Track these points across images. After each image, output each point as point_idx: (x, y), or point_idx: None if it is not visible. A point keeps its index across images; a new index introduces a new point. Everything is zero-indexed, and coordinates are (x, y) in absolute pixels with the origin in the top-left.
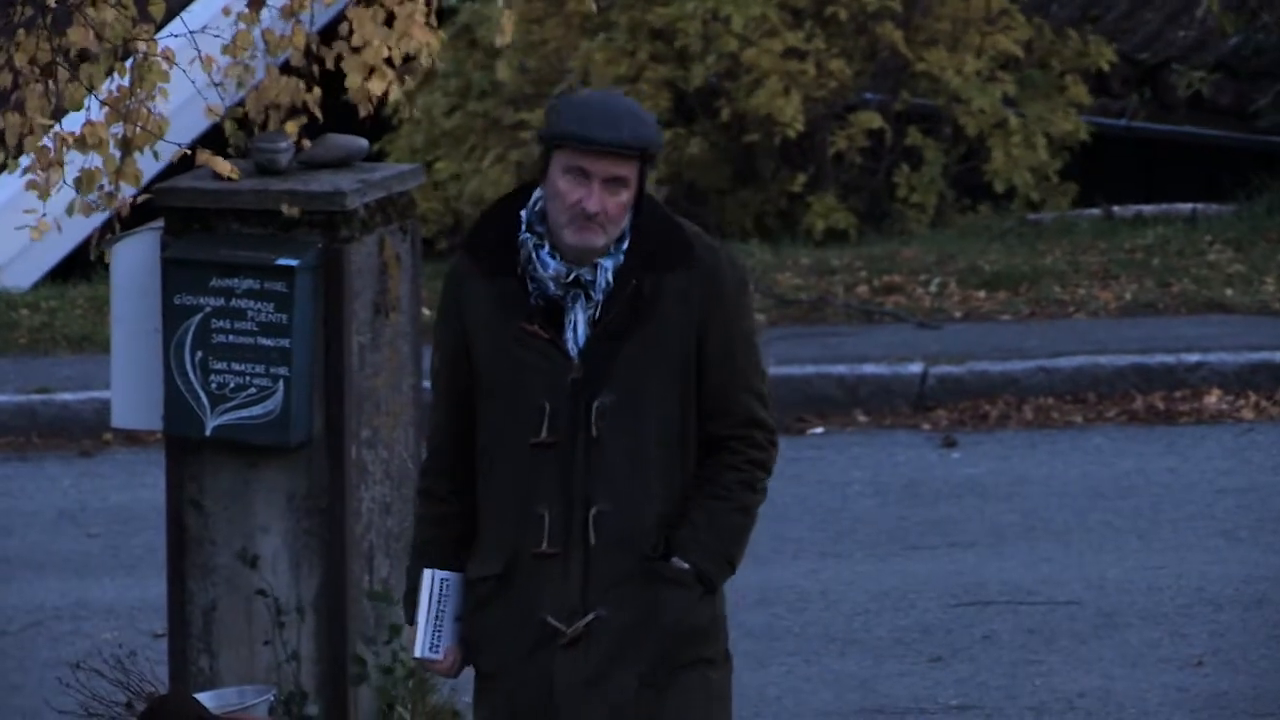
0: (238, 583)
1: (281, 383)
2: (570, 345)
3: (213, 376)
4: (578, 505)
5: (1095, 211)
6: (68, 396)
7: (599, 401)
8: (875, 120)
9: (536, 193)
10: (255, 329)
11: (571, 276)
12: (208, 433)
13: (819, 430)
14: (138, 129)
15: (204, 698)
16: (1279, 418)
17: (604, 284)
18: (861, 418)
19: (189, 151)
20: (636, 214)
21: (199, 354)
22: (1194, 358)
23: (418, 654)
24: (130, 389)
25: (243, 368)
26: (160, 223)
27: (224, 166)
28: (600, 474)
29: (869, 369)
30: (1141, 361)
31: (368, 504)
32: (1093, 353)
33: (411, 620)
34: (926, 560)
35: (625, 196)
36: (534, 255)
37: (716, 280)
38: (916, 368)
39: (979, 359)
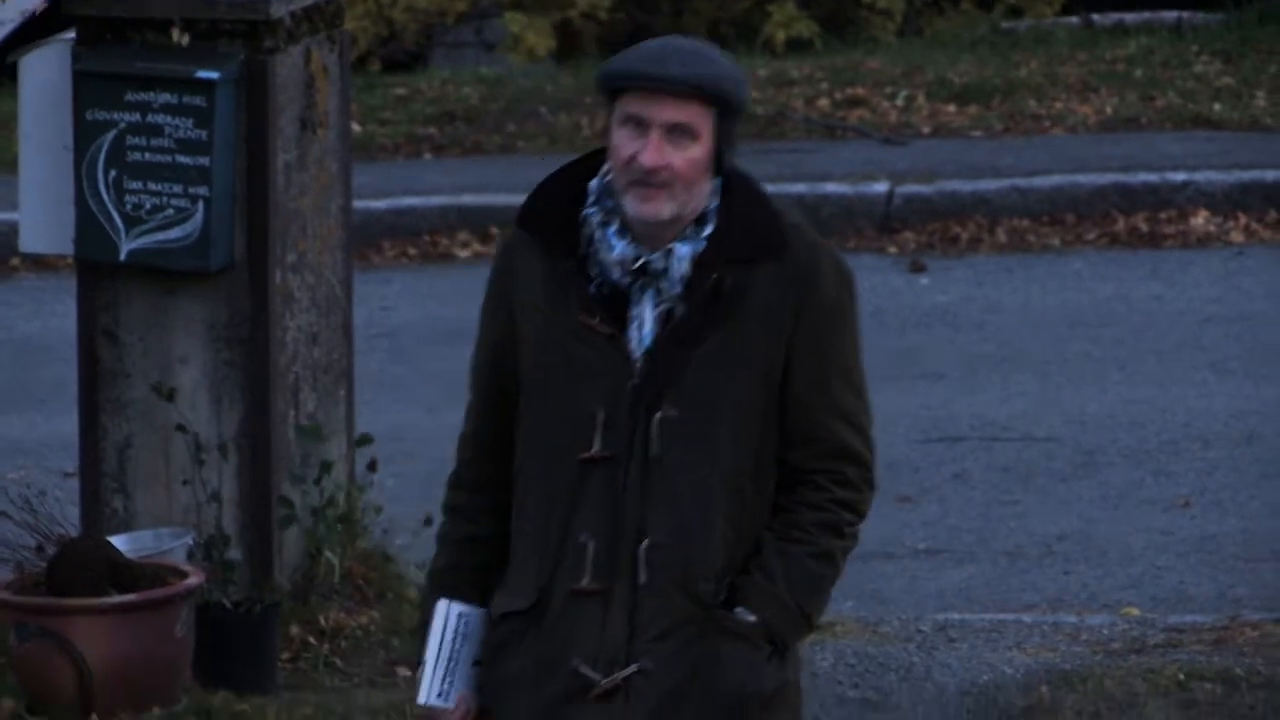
0: (154, 418)
1: (201, 203)
2: (634, 345)
3: (128, 197)
4: (628, 535)
5: (1074, 20)
6: None
7: (662, 414)
8: None
9: (609, 163)
10: (173, 146)
11: (640, 263)
12: (122, 257)
13: None
14: None
15: (118, 541)
16: (1270, 241)
17: (679, 274)
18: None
19: None
20: (725, 195)
21: (113, 173)
22: (1180, 176)
23: (423, 700)
24: (39, 211)
25: (159, 188)
26: (72, 33)
27: None
28: (658, 500)
29: (831, 188)
30: (1123, 180)
31: (293, 333)
32: (1071, 171)
33: (419, 659)
34: (893, 393)
35: (696, 152)
36: (599, 234)
37: (814, 282)
38: (882, 187)
39: (949, 178)
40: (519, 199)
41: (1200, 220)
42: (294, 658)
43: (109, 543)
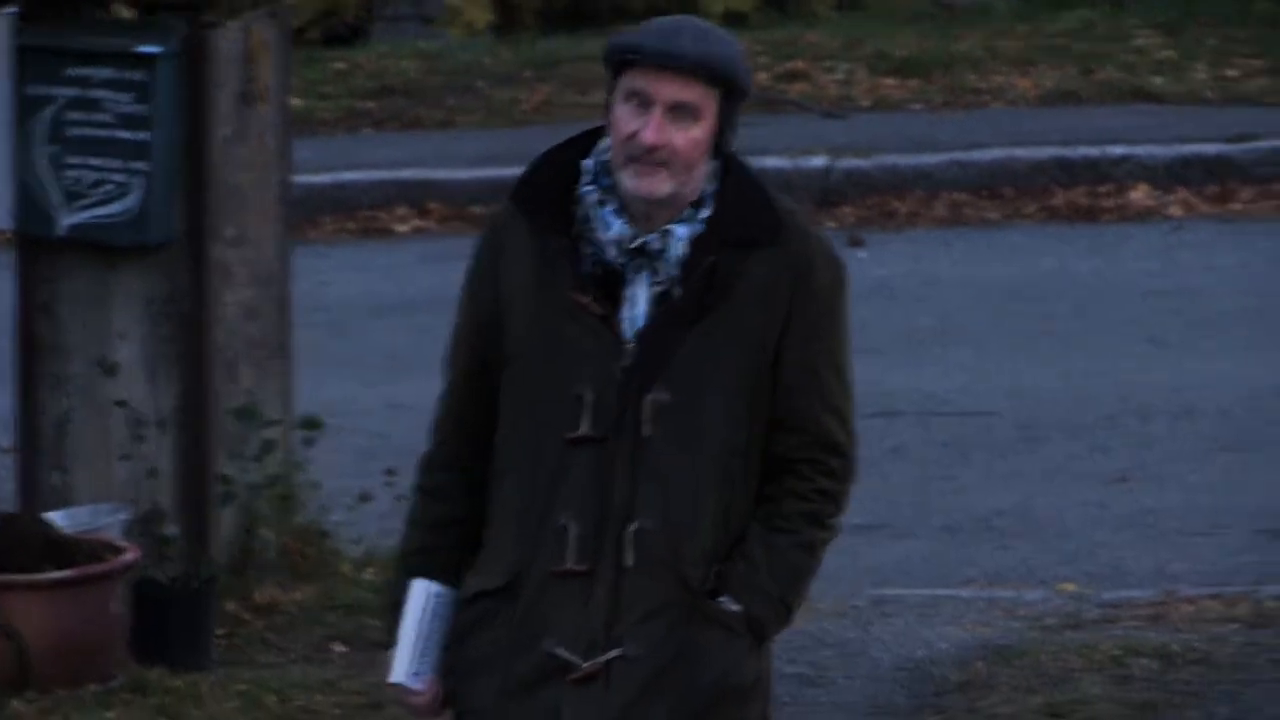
0: (92, 393)
1: (141, 178)
2: (625, 326)
3: (67, 172)
4: (615, 518)
5: None
6: None
7: (653, 396)
8: None
9: (606, 140)
10: (113, 121)
11: (637, 243)
12: (61, 232)
13: None
14: None
15: (56, 516)
16: (1210, 214)
17: (675, 256)
18: None
19: None
20: (722, 178)
21: (53, 148)
22: (1119, 150)
23: (395, 679)
24: None
25: (99, 163)
26: (13, 7)
27: None
28: (646, 483)
29: (770, 162)
30: (1063, 154)
31: (231, 309)
32: (1010, 145)
33: (391, 640)
34: None
35: (698, 132)
36: (595, 212)
37: (808, 270)
38: (821, 161)
39: (888, 151)
40: (458, 173)
41: (1139, 194)
42: (229, 633)
43: (46, 519)
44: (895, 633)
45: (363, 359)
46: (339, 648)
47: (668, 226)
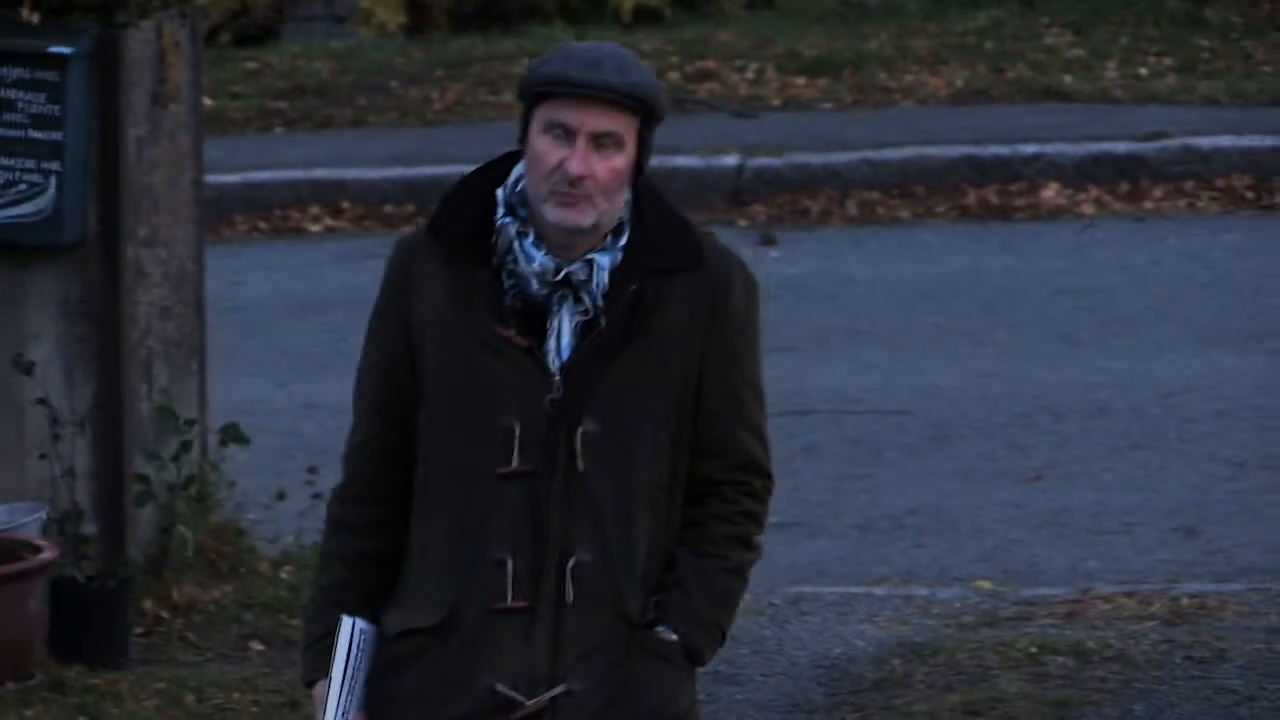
0: (7, 393)
1: (54, 178)
2: (551, 358)
3: None
4: (552, 552)
5: None
6: None
7: (584, 427)
8: None
9: (517, 169)
10: (25, 121)
11: (561, 274)
12: None
13: None
14: None
15: None
16: (1121, 213)
17: (600, 285)
18: None
19: None
20: (636, 205)
21: None
22: (1030, 149)
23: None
24: None
25: (12, 163)
26: None
27: None
28: (581, 516)
29: (681, 161)
30: (974, 153)
31: (145, 308)
32: (921, 143)
33: (313, 678)
34: None
35: (620, 162)
36: (515, 245)
37: (727, 293)
38: (732, 160)
39: (799, 150)
40: (370, 173)
41: (1051, 192)
42: (148, 632)
43: None
44: (812, 630)
45: (275, 358)
46: (257, 646)
47: (591, 256)
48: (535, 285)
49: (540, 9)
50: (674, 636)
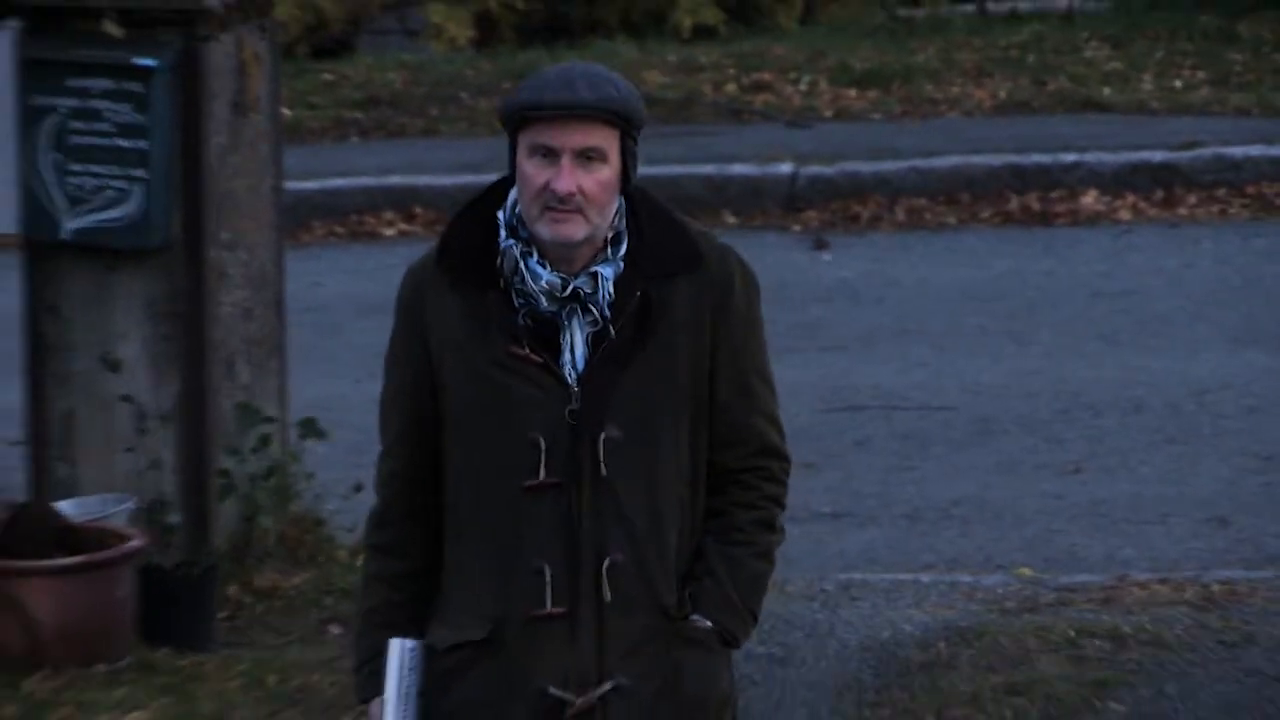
0: (96, 390)
1: (139, 185)
2: (567, 370)
3: (69, 179)
4: (587, 557)
5: (969, 7)
6: None
7: (605, 434)
8: None
9: (513, 193)
10: (113, 130)
11: (569, 289)
12: (65, 236)
13: None
14: None
15: (65, 506)
16: (1157, 219)
17: (605, 296)
18: (730, 219)
19: None
20: (631, 213)
21: (56, 155)
22: (1070, 157)
23: None
24: None
25: (100, 170)
26: (16, 21)
27: None
28: (612, 519)
29: (738, 169)
30: (1016, 161)
31: (227, 309)
32: (967, 152)
33: (366, 698)
34: (797, 364)
35: (605, 174)
36: (521, 264)
37: (728, 288)
38: (786, 168)
39: (850, 159)
40: (441, 180)
41: (1090, 199)
42: (231, 616)
43: (56, 509)
44: (862, 615)
45: (351, 356)
46: (335, 629)
47: (594, 268)
48: (545, 302)
49: (603, 24)
50: (709, 624)
